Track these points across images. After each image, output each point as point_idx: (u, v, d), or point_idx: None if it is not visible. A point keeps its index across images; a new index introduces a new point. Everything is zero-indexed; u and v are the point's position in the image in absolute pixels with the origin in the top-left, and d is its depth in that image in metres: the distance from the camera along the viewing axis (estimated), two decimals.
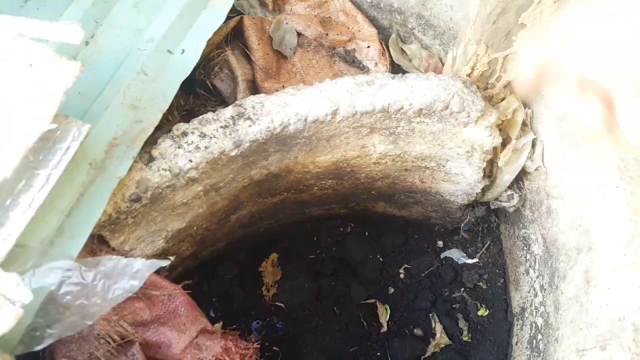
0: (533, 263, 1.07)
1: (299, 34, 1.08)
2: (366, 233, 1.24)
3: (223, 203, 0.90)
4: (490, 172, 1.02)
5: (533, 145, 1.00)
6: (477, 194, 1.06)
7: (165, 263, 0.60)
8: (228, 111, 0.76)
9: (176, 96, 1.03)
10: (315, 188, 1.04)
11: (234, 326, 1.02)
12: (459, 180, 1.01)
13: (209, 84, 1.03)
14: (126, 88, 0.76)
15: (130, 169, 0.71)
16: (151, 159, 0.72)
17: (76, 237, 0.60)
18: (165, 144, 0.73)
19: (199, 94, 1.05)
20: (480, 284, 1.21)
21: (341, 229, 1.24)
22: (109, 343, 0.76)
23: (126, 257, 0.81)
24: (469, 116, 0.82)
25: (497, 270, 1.23)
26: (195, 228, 0.92)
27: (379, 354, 1.09)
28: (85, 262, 0.57)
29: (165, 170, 0.72)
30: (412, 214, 1.22)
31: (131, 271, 0.57)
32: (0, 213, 0.54)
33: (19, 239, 0.55)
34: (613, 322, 0.77)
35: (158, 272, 0.93)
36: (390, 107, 0.80)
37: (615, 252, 0.78)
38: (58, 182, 0.62)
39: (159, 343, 0.81)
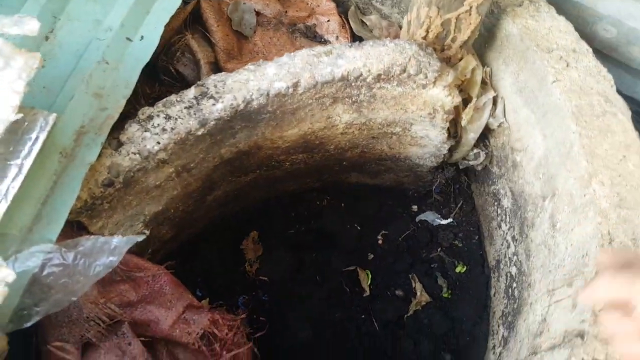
0: (504, 216, 1.13)
1: (257, 13, 1.11)
2: (342, 204, 1.29)
3: (197, 184, 0.94)
4: (455, 132, 1.07)
5: (494, 102, 1.06)
6: (444, 155, 1.11)
7: (140, 238, 0.64)
8: (191, 92, 0.80)
9: (141, 84, 1.07)
10: (287, 163, 1.09)
11: (220, 302, 1.06)
12: (426, 143, 1.06)
13: (173, 70, 1.05)
14: (89, 77, 0.79)
15: (100, 156, 0.74)
16: (120, 144, 0.76)
17: (53, 223, 0.63)
18: (132, 129, 0.76)
19: (163, 81, 1.08)
20: (456, 242, 1.28)
21: (317, 202, 1.29)
22: (99, 324, 0.80)
23: None
24: (426, 77, 0.86)
25: (471, 228, 1.30)
26: (172, 210, 0.95)
27: (363, 316, 1.15)
28: (65, 245, 0.60)
29: (134, 154, 0.75)
30: (385, 181, 1.27)
31: (109, 248, 0.61)
32: None
33: None
34: (577, 260, 0.84)
35: (141, 255, 0.97)
36: (350, 75, 0.84)
37: (576, 194, 0.84)
38: (31, 172, 0.65)
39: (147, 321, 0.85)
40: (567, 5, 1.05)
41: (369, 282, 1.19)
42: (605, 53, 1.10)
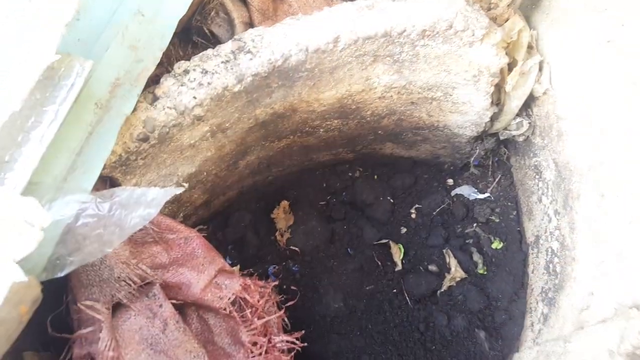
0: (545, 190, 1.07)
1: None
2: (375, 176, 1.25)
3: (230, 147, 0.91)
4: (498, 99, 1.01)
5: (540, 67, 0.99)
6: (485, 123, 1.06)
7: (179, 190, 0.61)
8: (228, 46, 0.76)
9: (174, 47, 1.04)
10: (321, 130, 1.05)
11: (251, 270, 1.04)
12: (467, 109, 1.01)
13: (207, 31, 1.02)
14: (124, 30, 0.76)
15: (135, 109, 0.72)
16: (155, 98, 0.73)
17: (89, 173, 0.61)
18: (167, 83, 0.73)
19: (197, 43, 1.04)
20: (493, 217, 1.23)
21: (350, 174, 1.25)
22: (130, 285, 0.79)
23: None
24: (473, 34, 0.81)
25: (509, 203, 1.24)
26: (205, 174, 0.93)
27: (395, 290, 1.11)
28: (101, 195, 0.58)
29: (170, 108, 0.72)
30: (421, 153, 1.22)
31: (146, 200, 0.59)
32: (14, 149, 0.55)
33: (32, 176, 0.57)
34: (626, 229, 0.78)
35: (174, 217, 0.95)
36: (393, 31, 0.79)
37: (627, 161, 0.78)
38: (66, 122, 0.63)
39: (179, 284, 0.83)
40: None
41: (402, 256, 1.15)
42: None
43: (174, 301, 0.80)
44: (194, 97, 0.73)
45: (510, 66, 0.95)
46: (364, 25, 0.78)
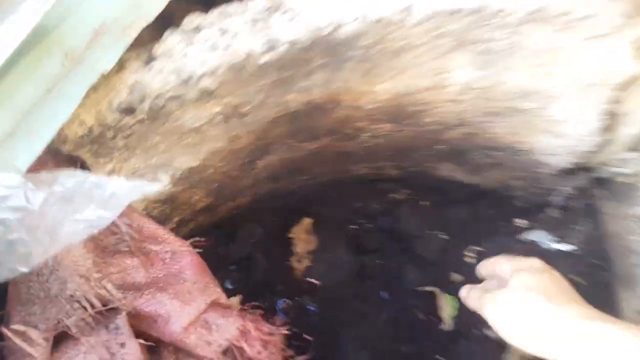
0: None
1: None
2: (425, 202, 1.04)
3: (248, 139, 0.73)
4: (609, 123, 0.80)
5: None
6: (584, 153, 0.84)
7: (155, 187, 0.43)
8: (260, 1, 0.58)
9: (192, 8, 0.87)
10: (366, 134, 0.86)
11: (255, 303, 0.85)
12: (565, 131, 0.80)
13: None
14: None
15: (122, 69, 0.55)
16: (151, 58, 0.56)
17: (31, 143, 0.44)
18: (172, 39, 0.56)
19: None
20: (574, 276, 1.00)
21: (393, 195, 1.05)
22: (85, 309, 0.61)
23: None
24: (600, 24, 0.61)
25: (596, 262, 1.01)
26: (211, 171, 0.75)
27: (437, 356, 0.90)
28: (35, 179, 0.40)
29: (170, 73, 0.55)
30: (487, 181, 1.01)
31: (102, 195, 0.41)
32: None
33: None
34: None
35: (162, 223, 0.77)
36: (488, 7, 0.60)
37: None
38: (18, 70, 0.46)
39: (154, 315, 0.65)
40: None
41: (453, 312, 0.94)
42: None
43: (142, 341, 0.62)
44: (204, 63, 0.55)
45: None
46: None
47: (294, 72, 0.63)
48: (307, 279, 0.93)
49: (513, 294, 0.54)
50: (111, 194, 0.41)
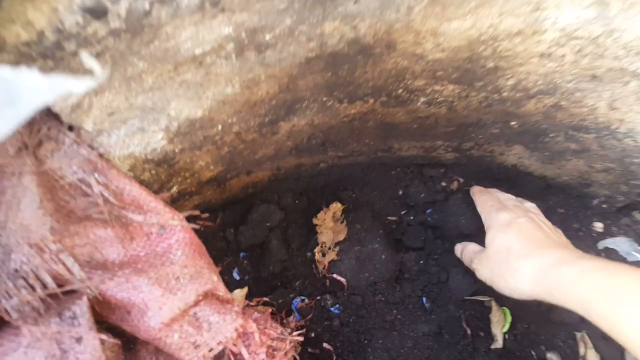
0: None
1: None
2: None
3: (269, 87, 0.54)
4: None
5: None
6: None
7: (87, 82, 0.25)
8: None
9: None
10: (423, 99, 0.66)
11: (266, 299, 0.67)
12: None
13: None
14: None
15: None
16: None
17: None
18: None
19: None
20: None
21: (443, 183, 0.85)
22: (34, 289, 0.43)
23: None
24: None
25: None
26: (220, 127, 0.57)
27: None
28: None
29: None
30: (563, 172, 0.80)
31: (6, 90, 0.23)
32: None
33: None
34: None
35: (156, 189, 0.60)
36: None
37: None
38: None
39: (127, 304, 0.47)
40: None
41: (506, 327, 0.73)
42: None
43: (105, 337, 0.44)
44: None
45: None
46: None
47: None
48: (332, 275, 0.74)
49: (487, 254, 0.63)
50: (17, 88, 0.23)
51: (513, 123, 0.70)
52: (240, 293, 0.66)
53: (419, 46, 0.55)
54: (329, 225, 0.77)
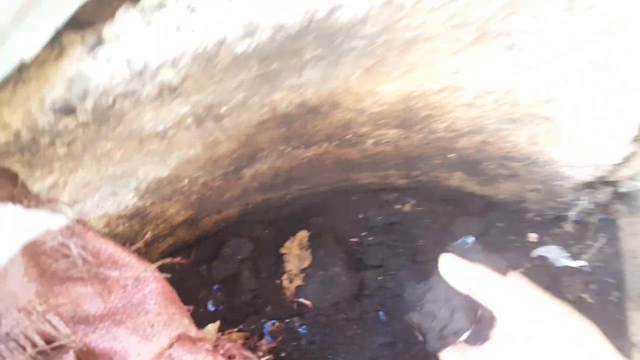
0: None
1: None
2: (433, 214, 0.89)
3: (230, 145, 0.58)
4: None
5: None
6: (610, 166, 0.69)
7: (59, 220, 0.28)
8: None
9: None
10: (370, 141, 0.71)
11: (240, 327, 0.71)
12: (593, 142, 0.64)
13: None
14: None
15: (60, 56, 0.40)
16: (99, 41, 0.40)
17: None
18: (126, 18, 0.41)
19: None
20: (585, 296, 0.85)
21: (397, 206, 0.90)
22: (24, 349, 0.46)
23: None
24: None
25: (610, 280, 0.86)
26: (186, 181, 0.60)
27: None
28: None
29: (120, 61, 0.40)
30: (500, 192, 0.86)
31: None
32: None
33: None
34: None
35: (132, 240, 0.62)
36: None
37: None
38: None
39: (109, 352, 0.50)
40: None
41: None
42: None
43: None
44: (164, 49, 0.40)
45: None
46: None
47: (281, 65, 0.48)
48: (299, 299, 0.78)
49: None
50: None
51: (451, 155, 0.76)
52: (212, 327, 0.69)
53: (360, 103, 0.59)
54: (296, 253, 0.81)
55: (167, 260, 0.59)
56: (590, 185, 0.78)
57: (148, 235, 0.65)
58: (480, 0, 0.45)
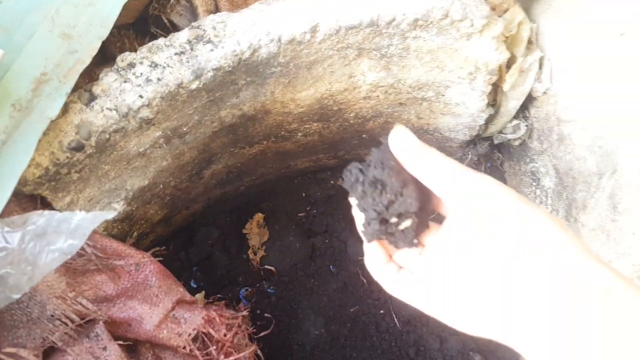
0: (544, 198, 0.97)
1: None
2: None
3: (191, 154, 0.77)
4: (494, 99, 0.90)
5: (540, 65, 0.88)
6: (480, 126, 0.94)
7: (109, 215, 0.47)
8: (184, 34, 0.62)
9: (129, 39, 0.89)
10: (299, 134, 0.92)
11: (219, 296, 0.90)
12: (460, 111, 0.89)
13: (166, 21, 0.88)
14: (55, 13, 0.61)
15: (67, 111, 0.57)
16: (92, 97, 0.58)
17: None
18: (108, 79, 0.59)
19: (155, 35, 0.90)
20: None
21: (332, 182, 1.12)
22: (67, 324, 0.64)
23: None
24: (472, 25, 0.69)
25: None
26: (161, 186, 0.78)
27: (382, 311, 0.99)
28: (9, 222, 0.43)
29: (110, 109, 0.58)
30: None
31: (68, 228, 0.44)
32: None
33: None
34: None
35: (123, 239, 0.80)
36: (380, 19, 0.66)
37: None
38: None
39: (128, 320, 0.69)
40: None
41: None
42: None
43: (121, 342, 0.66)
44: (140, 96, 0.58)
45: (509, 62, 0.84)
46: (347, 13, 0.65)
47: (223, 93, 0.68)
48: (264, 266, 0.98)
49: None
50: (76, 225, 0.45)
51: (364, 136, 0.98)
52: (200, 296, 0.88)
53: (285, 108, 0.80)
54: (255, 231, 1.01)
55: (155, 249, 0.78)
56: (472, 143, 1.04)
57: (135, 234, 0.83)
58: (352, 30, 0.66)
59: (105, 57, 0.78)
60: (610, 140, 0.76)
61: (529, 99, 0.94)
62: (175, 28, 0.89)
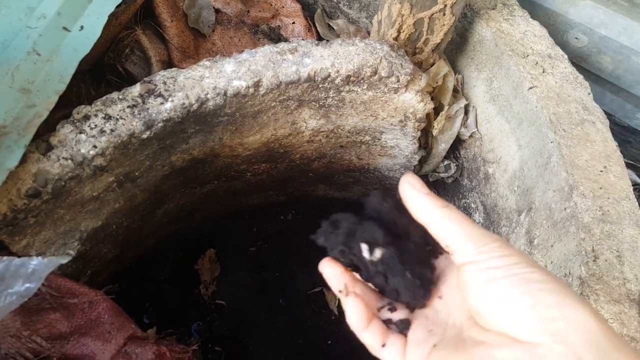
0: None
1: (217, 11, 1.03)
2: (308, 219, 1.21)
3: (143, 196, 0.83)
4: (425, 142, 1.02)
5: (466, 111, 1.02)
6: (414, 166, 1.06)
7: (64, 259, 0.54)
8: (136, 89, 0.70)
9: (85, 85, 0.96)
10: (249, 174, 1.00)
11: (171, 330, 0.95)
12: (396, 153, 1.00)
13: (121, 69, 0.95)
14: (15, 70, 0.68)
15: (25, 161, 0.63)
16: (49, 147, 0.65)
17: None
18: (64, 130, 0.66)
19: (110, 81, 0.97)
20: None
21: (281, 217, 1.20)
22: None
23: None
24: (398, 81, 0.80)
25: None
26: (114, 226, 0.84)
27: (329, 342, 1.06)
28: None
29: (66, 159, 0.64)
30: (354, 194, 1.20)
31: (26, 272, 0.50)
32: None
33: None
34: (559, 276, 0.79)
35: (77, 278, 0.85)
36: (317, 76, 0.77)
37: (555, 208, 0.80)
38: None
39: (81, 356, 0.73)
40: (538, 12, 1.03)
41: (337, 303, 1.11)
42: (575, 63, 1.08)
43: None
44: (95, 146, 0.65)
45: (437, 110, 0.96)
46: (286, 70, 0.75)
47: (174, 140, 0.75)
48: (215, 301, 1.04)
49: None
50: (33, 269, 0.51)
51: (311, 175, 1.08)
52: (151, 331, 0.92)
53: (234, 151, 0.88)
54: (207, 266, 1.07)
55: (108, 287, 0.83)
56: None
57: (89, 272, 0.87)
58: (291, 85, 0.76)
59: (62, 101, 0.84)
60: (526, 181, 0.89)
61: (459, 141, 1.07)
62: (130, 75, 0.97)
